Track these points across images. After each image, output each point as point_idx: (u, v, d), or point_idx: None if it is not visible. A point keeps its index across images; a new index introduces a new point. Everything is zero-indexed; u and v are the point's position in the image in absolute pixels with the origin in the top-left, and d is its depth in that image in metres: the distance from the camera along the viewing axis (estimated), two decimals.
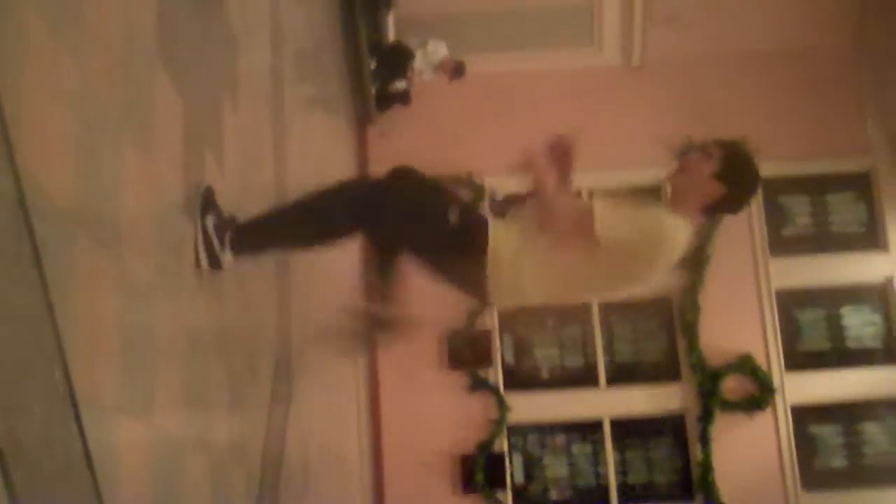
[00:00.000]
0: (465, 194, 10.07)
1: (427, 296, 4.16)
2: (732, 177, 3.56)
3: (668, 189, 3.67)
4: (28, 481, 1.86)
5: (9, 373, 1.85)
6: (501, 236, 3.54)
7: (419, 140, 10.17)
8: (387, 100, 10.50)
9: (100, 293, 2.44)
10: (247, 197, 4.24)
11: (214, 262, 3.42)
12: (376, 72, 9.95)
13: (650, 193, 3.35)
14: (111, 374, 2.48)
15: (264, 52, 5.11)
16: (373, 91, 10.09)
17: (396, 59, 10.14)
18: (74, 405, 2.13)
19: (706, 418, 10.47)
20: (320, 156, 6.99)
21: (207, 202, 3.41)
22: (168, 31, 3.14)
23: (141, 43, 2.92)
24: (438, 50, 10.23)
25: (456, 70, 10.22)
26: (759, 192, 3.75)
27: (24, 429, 1.89)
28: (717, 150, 3.57)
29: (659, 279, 3.65)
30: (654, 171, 10.56)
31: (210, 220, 3.38)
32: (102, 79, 2.52)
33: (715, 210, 3.67)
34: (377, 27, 10.01)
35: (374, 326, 3.84)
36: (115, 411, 2.48)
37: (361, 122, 10.70)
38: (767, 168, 10.52)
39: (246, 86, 4.38)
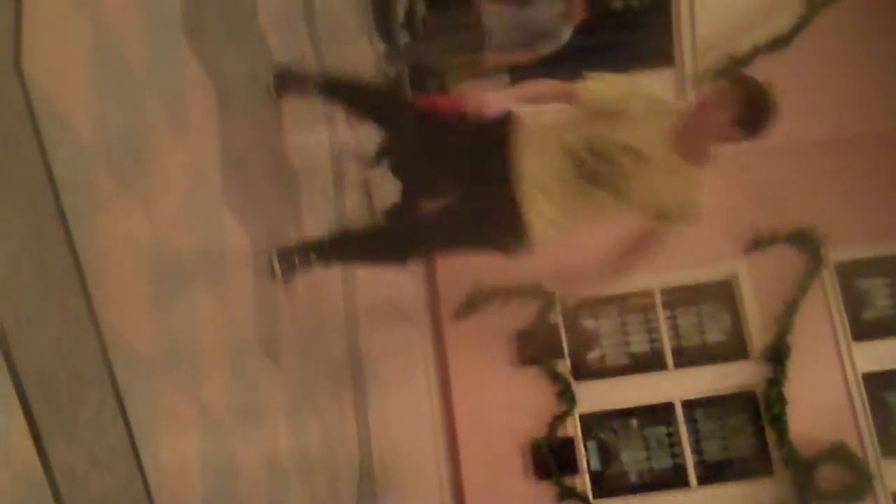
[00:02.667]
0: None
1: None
2: (750, 120, 3.52)
3: (679, 135, 3.63)
4: None
5: None
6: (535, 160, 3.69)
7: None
8: None
9: (182, 432, 2.53)
10: (319, 323, 4.36)
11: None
12: None
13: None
14: None
15: (326, 184, 5.27)
16: None
17: None
18: None
19: None
20: (389, 283, 7.11)
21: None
22: (232, 169, 3.29)
23: (207, 184, 3.06)
24: None
25: None
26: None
27: None
28: (732, 96, 3.51)
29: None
30: (727, 267, 10.62)
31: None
32: (172, 225, 2.65)
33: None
34: None
35: None
36: None
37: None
38: (841, 252, 10.47)
39: (310, 220, 4.53)
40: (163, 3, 2.90)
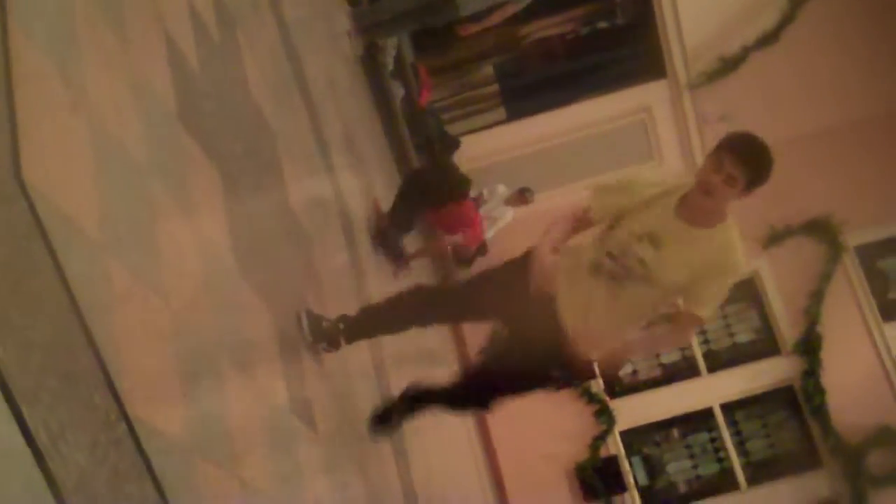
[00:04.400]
0: None
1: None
2: (758, 180, 3.52)
3: (688, 207, 3.64)
4: None
5: None
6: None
7: None
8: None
9: None
10: (349, 379, 4.37)
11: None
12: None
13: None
14: None
15: (339, 243, 5.29)
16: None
17: None
18: None
19: (859, 499, 10.11)
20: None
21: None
22: (243, 243, 3.32)
23: (220, 262, 3.09)
24: (497, 190, 10.29)
25: (523, 197, 10.17)
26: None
27: None
28: (739, 172, 3.47)
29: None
30: (748, 266, 10.57)
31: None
32: (190, 308, 2.67)
33: None
34: None
35: None
36: None
37: None
38: (860, 236, 10.43)
39: (328, 282, 4.55)
40: (155, 93, 2.94)
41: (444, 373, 8.72)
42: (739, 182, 3.46)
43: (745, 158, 3.48)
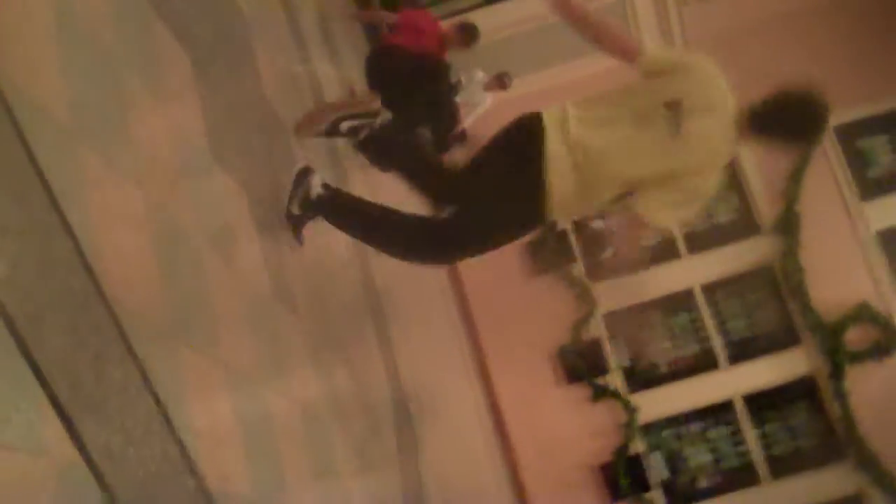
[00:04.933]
0: None
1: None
2: (802, 134, 3.69)
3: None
4: None
5: (149, 486, 1.97)
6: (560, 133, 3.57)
7: None
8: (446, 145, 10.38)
9: (211, 394, 2.56)
10: (330, 265, 4.37)
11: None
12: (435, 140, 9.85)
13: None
14: (239, 465, 2.59)
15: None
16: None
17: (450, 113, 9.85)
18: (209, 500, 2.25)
19: (837, 374, 10.31)
20: None
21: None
22: (216, 128, 3.28)
23: (194, 148, 3.06)
24: (475, 76, 10.14)
25: (501, 81, 10.02)
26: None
27: None
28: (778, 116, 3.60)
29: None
30: None
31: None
32: (165, 192, 2.65)
33: None
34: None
35: None
36: (249, 502, 2.60)
37: None
38: (839, 115, 10.45)
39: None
40: None
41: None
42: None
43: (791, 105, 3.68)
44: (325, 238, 4.46)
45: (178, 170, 2.81)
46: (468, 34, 7.85)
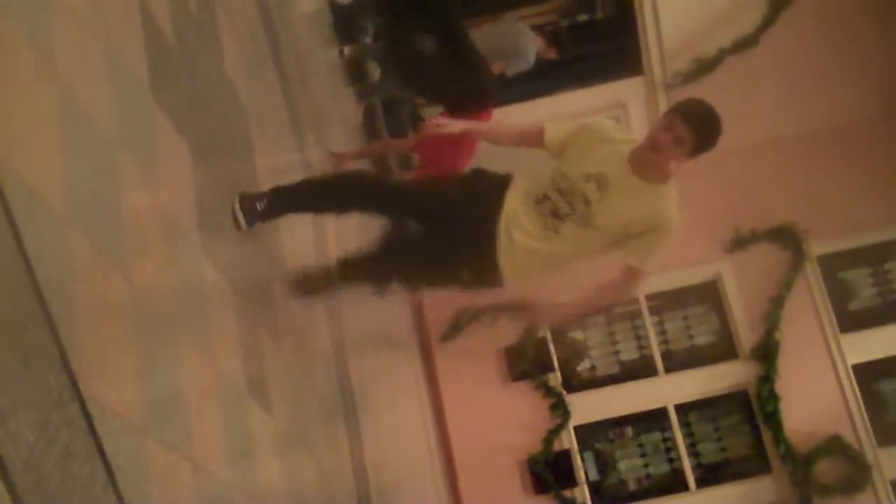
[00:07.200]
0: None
1: None
2: (705, 146, 3.73)
3: (637, 160, 3.79)
4: None
5: None
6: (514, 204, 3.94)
7: None
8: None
9: (175, 491, 2.51)
10: (307, 359, 4.34)
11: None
12: None
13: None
14: None
15: (307, 236, 5.24)
16: None
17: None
18: None
19: None
20: (374, 310, 7.09)
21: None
22: (208, 224, 3.27)
23: (185, 239, 3.05)
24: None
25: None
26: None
27: None
28: (688, 136, 3.66)
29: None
30: (710, 269, 10.65)
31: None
32: (151, 286, 2.63)
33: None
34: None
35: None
36: None
37: None
38: (823, 246, 10.49)
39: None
40: (127, 62, 2.88)
41: (402, 358, 8.74)
42: (687, 144, 3.67)
43: (696, 124, 3.68)
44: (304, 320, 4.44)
45: (166, 260, 2.79)
46: None
